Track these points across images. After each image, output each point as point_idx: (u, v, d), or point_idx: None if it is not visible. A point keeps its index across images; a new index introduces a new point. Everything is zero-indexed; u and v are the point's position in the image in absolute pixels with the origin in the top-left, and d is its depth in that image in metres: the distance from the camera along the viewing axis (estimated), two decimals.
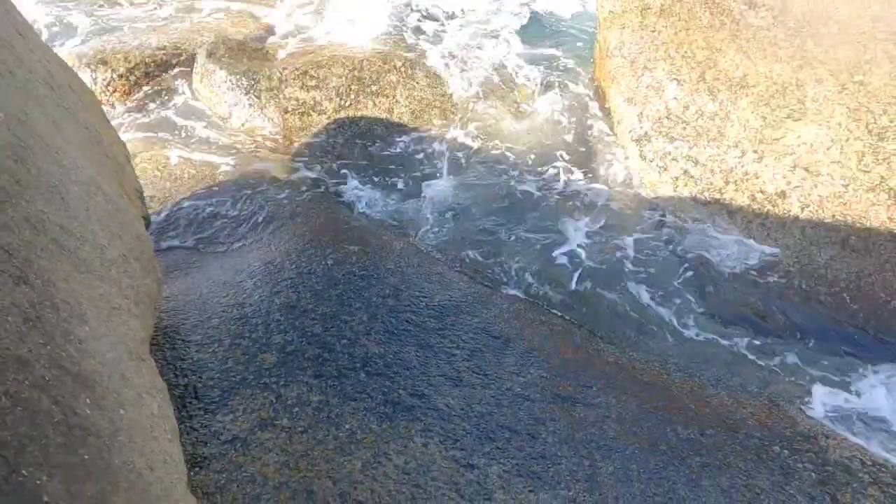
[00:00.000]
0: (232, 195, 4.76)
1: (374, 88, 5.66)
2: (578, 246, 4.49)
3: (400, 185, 4.92)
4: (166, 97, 5.80)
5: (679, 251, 4.45)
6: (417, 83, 5.75)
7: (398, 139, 5.34)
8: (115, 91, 5.66)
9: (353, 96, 5.59)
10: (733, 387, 3.58)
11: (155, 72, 5.86)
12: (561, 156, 5.22)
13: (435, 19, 6.95)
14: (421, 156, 5.22)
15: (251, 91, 5.55)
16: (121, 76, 5.72)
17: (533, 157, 5.24)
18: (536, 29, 6.75)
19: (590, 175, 5.07)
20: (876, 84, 4.35)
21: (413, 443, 2.76)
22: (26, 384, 1.36)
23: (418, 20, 6.86)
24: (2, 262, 1.60)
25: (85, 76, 5.50)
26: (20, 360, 1.40)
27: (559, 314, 3.94)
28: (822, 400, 3.56)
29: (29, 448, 1.26)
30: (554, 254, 4.42)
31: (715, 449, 3.06)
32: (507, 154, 5.25)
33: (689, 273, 4.32)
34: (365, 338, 3.36)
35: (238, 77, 5.59)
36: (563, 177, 5.06)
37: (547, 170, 5.11)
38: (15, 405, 1.29)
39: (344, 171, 5.10)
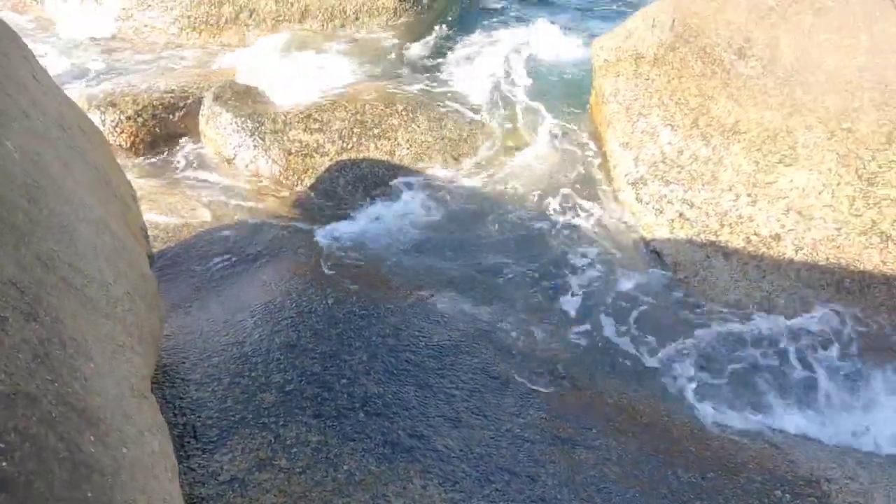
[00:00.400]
0: (234, 234, 4.82)
1: (376, 132, 5.80)
2: (577, 286, 4.52)
3: (400, 226, 4.99)
4: (173, 139, 5.92)
5: (676, 292, 4.49)
6: (419, 126, 5.90)
7: (399, 180, 5.44)
8: (122, 132, 5.79)
9: (355, 139, 5.72)
10: (734, 429, 3.56)
11: (162, 114, 6.01)
12: (559, 197, 5.31)
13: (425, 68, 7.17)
14: (421, 196, 5.31)
15: (256, 133, 5.68)
16: (129, 118, 5.86)
17: (532, 198, 5.33)
18: (536, 73, 6.95)
19: (588, 216, 5.15)
20: (864, 131, 4.48)
21: (412, 484, 2.74)
22: (34, 420, 1.38)
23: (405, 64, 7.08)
24: (15, 299, 1.64)
25: (94, 117, 5.64)
26: (29, 396, 1.42)
27: (556, 355, 3.95)
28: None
29: (35, 484, 1.27)
30: (551, 293, 4.45)
31: (715, 493, 3.03)
32: (507, 194, 5.34)
33: (688, 314, 4.35)
34: (364, 377, 3.36)
35: (243, 119, 5.73)
36: (560, 218, 5.14)
37: (545, 211, 5.20)
38: (23, 441, 1.31)
39: (345, 211, 5.17)
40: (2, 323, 1.51)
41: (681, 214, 4.88)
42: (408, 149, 5.69)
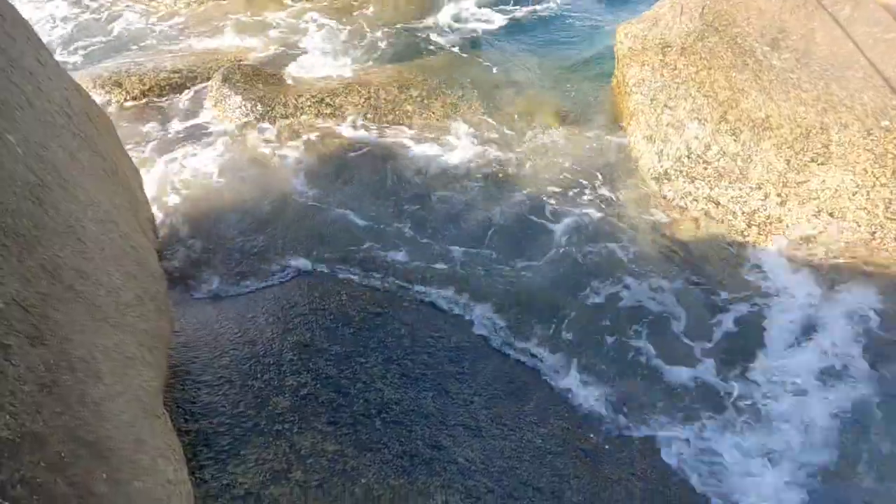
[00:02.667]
0: (245, 219, 4.66)
1: (389, 118, 5.60)
2: (597, 285, 4.37)
3: (415, 216, 4.82)
4: (180, 120, 5.73)
5: (703, 293, 4.34)
6: (434, 112, 5.70)
7: (414, 168, 5.26)
8: (128, 112, 5.60)
9: (369, 123, 5.53)
10: None
11: (169, 94, 5.81)
12: (581, 190, 5.13)
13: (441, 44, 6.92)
14: (438, 185, 5.12)
15: (266, 117, 5.49)
16: (135, 98, 5.67)
17: (553, 191, 5.14)
18: (557, 60, 6.71)
19: (610, 209, 4.96)
20: None
21: (433, 500, 2.63)
22: (41, 467, 1.25)
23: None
24: (19, 321, 1.50)
25: (99, 98, 5.45)
26: (35, 438, 1.29)
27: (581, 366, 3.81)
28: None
29: None
30: (577, 298, 4.29)
31: None
32: (528, 187, 5.15)
33: (720, 318, 4.19)
34: (380, 381, 3.24)
35: (253, 103, 5.54)
36: (582, 211, 4.96)
37: (567, 205, 5.02)
38: (32, 494, 1.17)
39: (356, 198, 5.00)
40: (4, 351, 1.37)
41: (706, 213, 4.71)
42: (422, 133, 5.50)
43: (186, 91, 5.88)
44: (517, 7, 7.70)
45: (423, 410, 3.12)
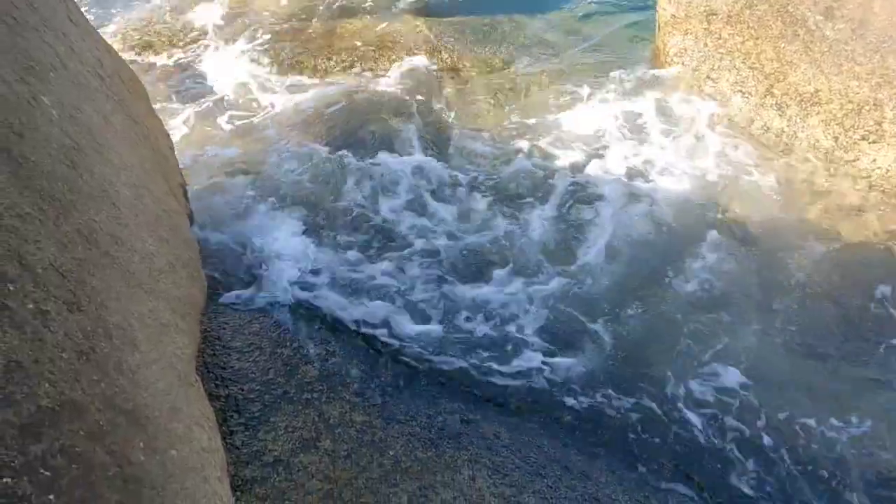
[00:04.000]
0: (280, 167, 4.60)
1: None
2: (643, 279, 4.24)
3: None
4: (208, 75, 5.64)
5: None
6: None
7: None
8: (158, 72, 5.58)
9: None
10: None
11: (198, 50, 5.75)
12: (614, 160, 4.93)
13: None
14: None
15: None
16: (165, 57, 5.63)
17: (586, 164, 4.97)
18: (594, 26, 6.44)
19: (646, 177, 4.75)
20: None
21: (460, 475, 2.62)
22: (81, 435, 1.24)
23: None
24: (57, 286, 1.48)
25: (129, 57, 5.43)
26: (75, 406, 1.28)
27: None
28: None
29: None
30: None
31: None
32: (560, 160, 4.99)
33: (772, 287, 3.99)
34: (409, 352, 3.23)
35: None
36: (615, 185, 4.80)
37: (599, 175, 4.85)
38: (70, 463, 1.17)
39: None
40: (43, 318, 1.36)
41: None
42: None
43: None
44: None
45: (451, 384, 3.10)
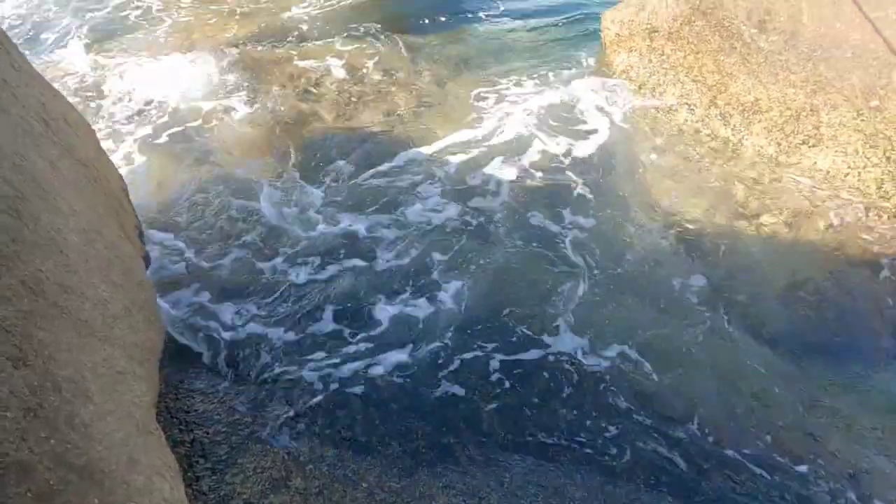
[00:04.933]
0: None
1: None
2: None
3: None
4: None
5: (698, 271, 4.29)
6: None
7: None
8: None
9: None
10: None
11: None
12: (574, 176, 5.02)
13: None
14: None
15: None
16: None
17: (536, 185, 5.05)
18: (542, 45, 6.60)
19: (602, 192, 4.86)
20: (893, 110, 4.27)
21: (435, 502, 2.59)
22: (29, 497, 1.19)
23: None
24: (0, 342, 1.44)
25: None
26: (21, 466, 1.23)
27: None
28: None
29: None
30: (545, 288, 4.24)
31: None
32: (519, 180, 5.06)
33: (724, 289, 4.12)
34: (380, 379, 3.20)
35: None
36: (572, 195, 4.90)
37: (558, 190, 4.94)
38: None
39: None
40: None
41: None
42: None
43: None
44: None
45: (422, 408, 3.08)
